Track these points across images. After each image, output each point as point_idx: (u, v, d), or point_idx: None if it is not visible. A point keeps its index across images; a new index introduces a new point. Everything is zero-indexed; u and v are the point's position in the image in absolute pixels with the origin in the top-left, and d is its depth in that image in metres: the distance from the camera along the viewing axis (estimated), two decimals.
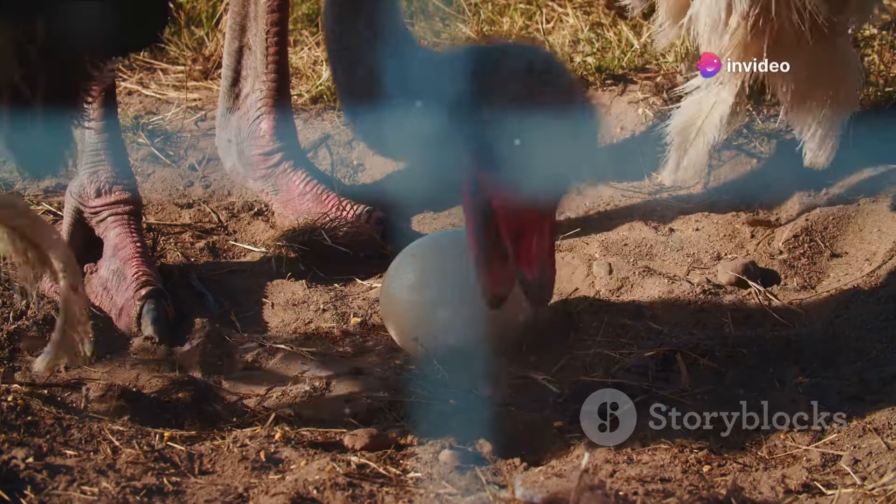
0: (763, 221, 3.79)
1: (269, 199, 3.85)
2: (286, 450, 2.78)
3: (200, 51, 4.53)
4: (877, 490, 2.62)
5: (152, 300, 3.34)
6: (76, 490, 2.56)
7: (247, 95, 3.84)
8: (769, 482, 2.68)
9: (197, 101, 4.35)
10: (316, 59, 4.49)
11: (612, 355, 3.17)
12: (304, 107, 4.27)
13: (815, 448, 2.83)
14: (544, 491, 2.49)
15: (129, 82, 4.47)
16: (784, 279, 3.58)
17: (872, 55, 4.19)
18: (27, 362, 3.21)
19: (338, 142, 4.17)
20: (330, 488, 2.57)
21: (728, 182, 3.94)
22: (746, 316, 3.40)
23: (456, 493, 2.60)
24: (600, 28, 4.60)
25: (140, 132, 4.16)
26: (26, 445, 2.68)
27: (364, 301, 3.52)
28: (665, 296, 3.44)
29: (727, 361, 3.14)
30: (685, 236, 3.75)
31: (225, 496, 2.58)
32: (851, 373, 3.09)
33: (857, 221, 3.71)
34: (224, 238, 3.80)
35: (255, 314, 3.49)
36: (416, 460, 2.75)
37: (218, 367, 3.23)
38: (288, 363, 3.23)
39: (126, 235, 3.46)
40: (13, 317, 3.35)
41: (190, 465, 2.73)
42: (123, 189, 3.51)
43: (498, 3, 4.79)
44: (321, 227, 3.72)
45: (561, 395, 3.04)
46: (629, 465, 2.74)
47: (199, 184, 4.05)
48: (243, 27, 3.82)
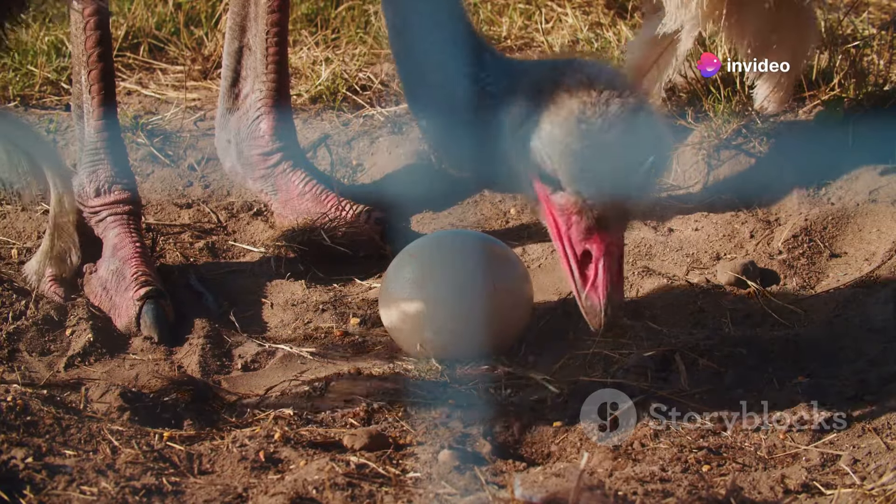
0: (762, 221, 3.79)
1: (268, 199, 3.85)
2: (285, 450, 2.78)
3: (200, 51, 4.53)
4: (876, 490, 2.62)
5: (151, 300, 3.34)
6: (75, 490, 2.56)
7: (246, 96, 3.84)
8: (768, 482, 2.68)
9: (196, 101, 4.35)
10: (315, 58, 4.49)
11: (612, 355, 3.17)
12: (303, 107, 4.27)
13: (814, 448, 2.83)
14: (543, 491, 2.49)
15: (128, 82, 4.47)
16: (783, 279, 3.58)
17: (872, 55, 4.19)
18: (27, 362, 3.21)
19: (337, 142, 4.17)
20: (329, 488, 2.57)
21: (727, 182, 3.94)
22: (745, 316, 3.39)
23: (455, 493, 2.60)
24: (599, 28, 4.60)
25: (139, 132, 4.16)
26: (25, 445, 2.68)
27: (363, 301, 3.52)
28: (664, 296, 3.44)
29: (726, 361, 3.14)
30: (684, 236, 3.75)
31: (224, 496, 2.58)
32: (851, 373, 3.09)
33: (857, 221, 3.71)
34: (223, 238, 3.80)
35: (255, 314, 3.49)
36: (416, 460, 2.75)
37: (217, 368, 3.24)
38: (287, 363, 3.23)
39: (125, 235, 3.46)
40: (12, 317, 3.35)
41: (189, 465, 2.73)
42: (123, 189, 3.51)
43: (497, 3, 4.79)
44: (320, 228, 3.72)
45: (561, 395, 3.04)
46: (628, 464, 2.74)
47: (198, 184, 4.05)
48: (243, 27, 3.82)
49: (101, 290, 3.41)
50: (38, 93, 4.37)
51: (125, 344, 3.32)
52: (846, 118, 3.94)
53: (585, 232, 2.66)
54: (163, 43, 4.63)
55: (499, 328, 3.18)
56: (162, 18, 4.70)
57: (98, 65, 3.44)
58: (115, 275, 3.40)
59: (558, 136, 2.59)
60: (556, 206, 2.68)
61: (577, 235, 2.68)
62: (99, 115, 3.47)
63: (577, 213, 2.66)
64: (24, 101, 4.35)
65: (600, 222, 2.65)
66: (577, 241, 2.69)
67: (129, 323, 3.35)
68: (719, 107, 3.98)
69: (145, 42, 4.61)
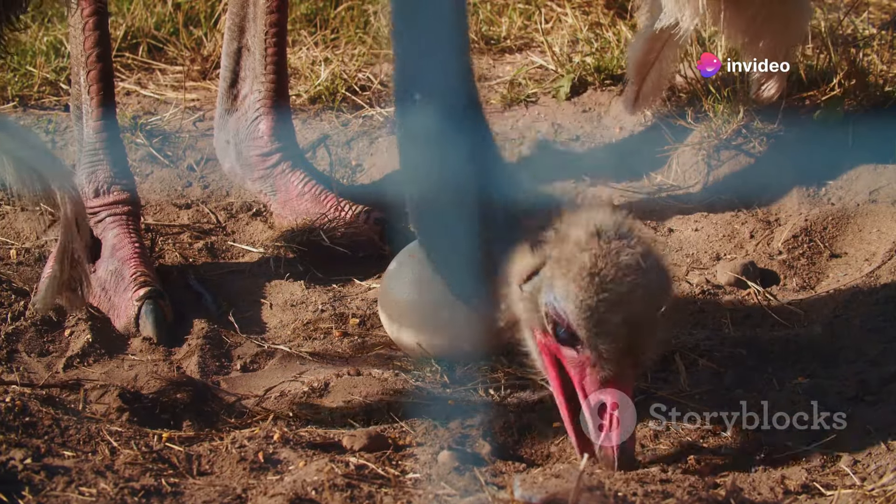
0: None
1: (267, 199, 3.85)
2: (285, 450, 2.77)
3: (199, 51, 4.53)
4: (876, 491, 2.61)
5: (151, 301, 3.34)
6: (74, 491, 2.56)
7: (245, 96, 3.84)
8: (768, 483, 2.67)
9: (195, 101, 4.35)
10: (314, 59, 4.49)
11: None
12: (302, 107, 4.27)
13: (814, 448, 2.83)
14: (543, 492, 2.48)
15: (127, 82, 4.46)
16: (783, 279, 3.58)
17: (872, 55, 4.19)
18: (25, 363, 3.20)
19: (336, 142, 4.16)
20: (328, 489, 2.57)
21: (727, 182, 3.94)
22: (745, 316, 3.39)
23: (455, 493, 2.60)
24: (599, 28, 4.60)
25: (138, 132, 4.16)
26: (24, 446, 2.68)
27: (363, 301, 3.51)
28: None
29: (726, 361, 3.14)
30: (684, 236, 3.74)
31: (223, 497, 2.57)
32: (851, 373, 3.09)
33: (857, 221, 3.71)
34: (222, 238, 3.80)
35: (254, 315, 3.49)
36: (415, 461, 2.75)
37: (216, 368, 3.23)
38: (286, 364, 3.23)
39: (124, 236, 3.45)
40: (11, 317, 3.34)
41: (188, 465, 2.72)
42: (122, 189, 3.51)
43: (497, 3, 4.78)
44: (320, 228, 3.72)
45: None
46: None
47: (197, 184, 4.04)
48: (242, 28, 3.82)
49: (100, 290, 3.40)
50: (37, 93, 4.37)
51: (124, 345, 3.32)
52: (846, 118, 3.94)
53: (600, 383, 2.67)
54: (162, 43, 4.62)
55: (499, 328, 3.17)
56: (161, 19, 4.69)
57: (97, 65, 3.44)
58: (114, 275, 3.40)
59: (575, 291, 2.59)
60: (569, 358, 2.67)
61: (591, 386, 2.68)
62: (98, 116, 3.46)
63: (591, 366, 2.66)
64: (22, 102, 4.34)
65: (615, 373, 2.65)
66: (592, 392, 2.68)
67: (128, 323, 3.34)
68: (719, 107, 3.98)
69: (144, 42, 4.61)
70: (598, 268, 2.58)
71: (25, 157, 2.83)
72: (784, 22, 3.62)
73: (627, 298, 2.58)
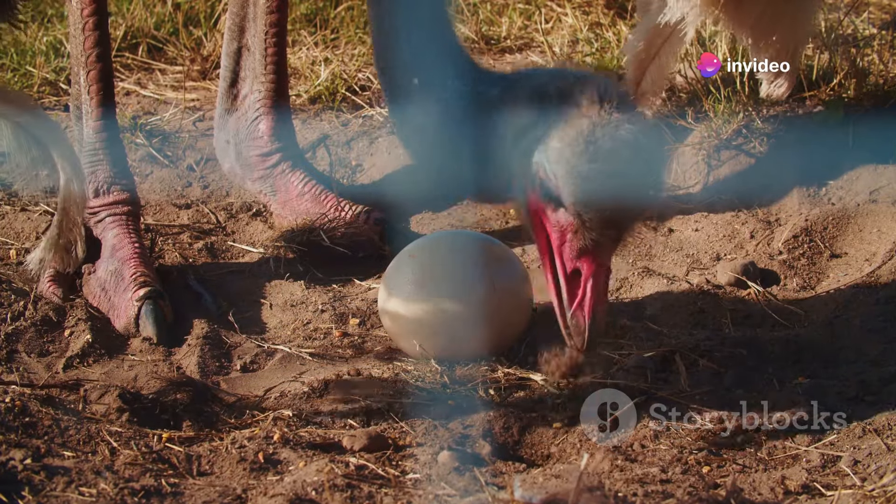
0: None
1: (267, 199, 3.85)
2: (285, 451, 2.77)
3: (198, 51, 4.53)
4: (877, 491, 2.61)
5: (150, 301, 3.34)
6: (74, 491, 2.56)
7: (245, 96, 3.84)
8: (769, 483, 2.67)
9: (195, 101, 4.35)
10: (314, 59, 4.49)
11: (612, 356, 3.16)
12: (302, 107, 4.27)
13: (814, 449, 2.83)
14: (543, 492, 2.48)
15: (126, 82, 4.46)
16: (783, 279, 3.57)
17: (872, 55, 4.19)
18: (25, 363, 3.20)
19: (336, 142, 4.16)
20: (329, 489, 2.57)
21: (727, 182, 3.94)
22: (746, 316, 3.39)
23: (455, 494, 2.60)
24: (599, 28, 4.60)
25: (138, 132, 4.15)
26: (24, 447, 2.68)
27: (363, 301, 3.51)
28: (664, 296, 3.44)
29: (726, 362, 3.14)
30: (684, 236, 3.74)
31: (223, 497, 2.58)
32: (851, 373, 3.09)
33: (857, 221, 3.71)
34: (222, 239, 3.80)
35: (254, 315, 3.49)
36: (415, 461, 2.75)
37: (216, 368, 3.23)
38: (286, 364, 3.23)
39: (124, 236, 3.45)
40: (11, 317, 3.34)
41: (188, 466, 2.72)
42: (121, 189, 3.51)
43: (497, 3, 4.79)
44: (320, 228, 3.72)
45: (560, 395, 3.04)
46: (628, 465, 2.74)
47: (197, 184, 4.04)
48: (242, 28, 3.82)
49: (100, 290, 3.40)
50: (37, 93, 4.36)
51: (124, 345, 3.32)
52: (846, 118, 3.94)
53: (579, 251, 2.66)
54: (161, 43, 4.62)
55: (499, 328, 3.18)
56: (161, 19, 4.69)
57: (97, 65, 3.44)
58: (114, 275, 3.40)
59: (567, 155, 2.58)
60: (553, 221, 2.67)
61: (569, 253, 2.67)
62: (97, 116, 3.46)
63: (573, 232, 2.65)
64: None
65: (595, 243, 2.64)
66: (568, 259, 2.68)
67: (128, 324, 3.34)
68: (719, 107, 3.98)
69: (144, 42, 4.61)
70: (595, 136, 2.56)
71: (23, 122, 2.85)
72: (792, 20, 3.61)
73: (618, 173, 2.55)
